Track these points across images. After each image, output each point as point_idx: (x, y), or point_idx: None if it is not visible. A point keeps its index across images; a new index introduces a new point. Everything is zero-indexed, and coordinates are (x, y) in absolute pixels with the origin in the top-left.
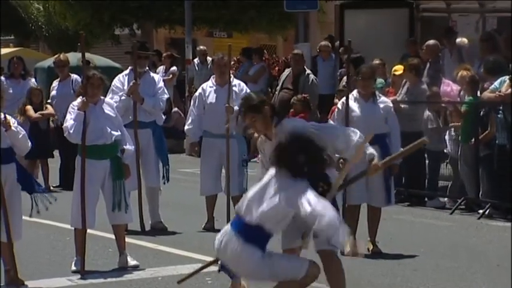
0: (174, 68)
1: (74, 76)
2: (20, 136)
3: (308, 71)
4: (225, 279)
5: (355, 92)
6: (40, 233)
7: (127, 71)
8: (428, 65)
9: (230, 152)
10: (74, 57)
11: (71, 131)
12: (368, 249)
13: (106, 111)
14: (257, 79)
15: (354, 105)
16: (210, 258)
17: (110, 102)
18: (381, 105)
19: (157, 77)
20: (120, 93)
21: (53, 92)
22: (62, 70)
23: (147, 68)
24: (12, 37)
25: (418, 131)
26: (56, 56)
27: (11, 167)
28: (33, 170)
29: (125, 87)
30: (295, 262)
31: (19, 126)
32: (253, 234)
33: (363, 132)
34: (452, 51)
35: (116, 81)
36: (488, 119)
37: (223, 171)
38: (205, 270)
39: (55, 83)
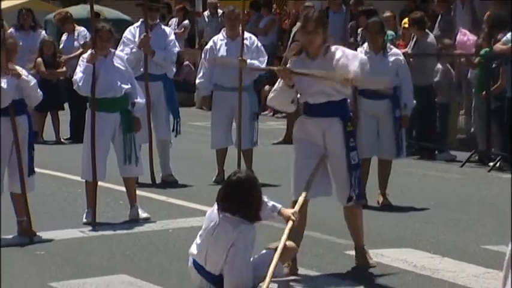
0: (186, 21)
1: (80, 29)
2: (32, 84)
3: None
4: None
5: (365, 45)
6: (52, 185)
7: (138, 23)
8: (439, 17)
9: (242, 105)
10: (83, 10)
11: (80, 84)
12: (378, 202)
13: (116, 64)
14: (267, 32)
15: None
16: None
17: (120, 55)
18: (392, 58)
19: (169, 29)
20: (131, 46)
21: (61, 46)
22: (64, 26)
23: (158, 20)
24: None
25: (428, 85)
26: (55, 13)
27: (23, 118)
28: (43, 123)
29: (136, 40)
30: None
31: (30, 76)
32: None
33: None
34: (464, 3)
35: (127, 33)
36: (499, 71)
37: (234, 124)
38: None
39: (64, 36)
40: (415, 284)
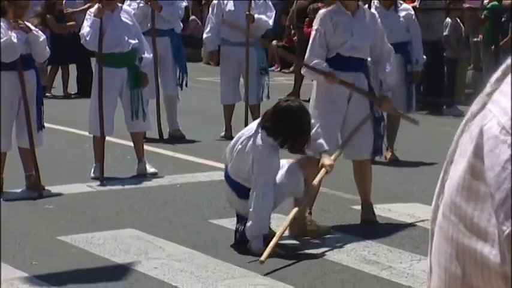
0: None
1: None
2: (41, 40)
3: None
4: None
5: (376, 1)
6: (60, 140)
7: None
8: None
9: (249, 61)
10: None
11: (88, 38)
12: (386, 157)
13: (123, 18)
14: None
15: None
16: None
17: (128, 10)
18: (403, 13)
19: None
20: (138, 1)
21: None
22: None
23: None
24: None
25: (437, 39)
26: None
27: (31, 73)
28: (54, 76)
29: None
30: (290, 176)
31: (39, 31)
32: (242, 187)
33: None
34: None
35: None
36: (509, 25)
37: (242, 80)
38: (222, 177)
39: None
40: (421, 238)
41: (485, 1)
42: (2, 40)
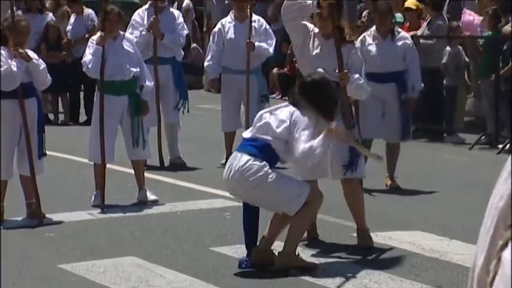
0: (186, 1)
1: (88, 11)
2: (41, 68)
3: None
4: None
5: (373, 29)
6: (61, 167)
7: (146, 6)
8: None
9: (249, 88)
10: None
11: (89, 66)
12: (386, 184)
13: (125, 46)
14: (277, 17)
15: (371, 43)
16: (228, 194)
17: (130, 38)
18: (400, 43)
19: (177, 12)
20: (141, 29)
21: (68, 27)
22: (72, 7)
23: (166, 2)
24: None
25: (437, 67)
26: None
27: (32, 101)
28: (57, 105)
29: (145, 22)
30: (298, 182)
31: (40, 59)
32: (260, 150)
33: (379, 69)
34: None
35: (136, 16)
36: (510, 53)
37: (243, 107)
38: (223, 205)
39: (72, 18)
40: (423, 266)
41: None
42: (2, 69)
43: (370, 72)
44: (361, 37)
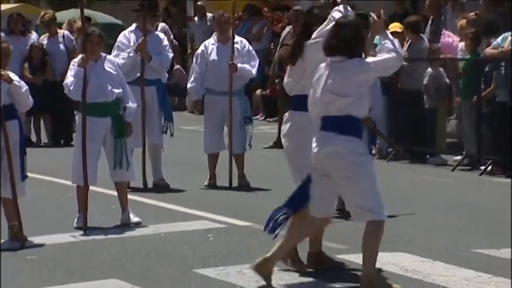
0: (162, 24)
1: (64, 32)
2: (23, 91)
3: None
4: (226, 237)
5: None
6: (43, 189)
7: (132, 28)
8: (430, 21)
9: (233, 110)
10: (74, 14)
11: (71, 88)
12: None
13: (107, 68)
14: (260, 37)
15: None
16: (212, 215)
17: (112, 60)
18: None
19: (162, 35)
20: (128, 50)
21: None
22: (49, 29)
23: (154, 26)
24: None
25: (418, 89)
26: (42, 14)
27: (14, 123)
28: (39, 126)
29: (131, 44)
30: None
31: (22, 81)
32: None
33: None
34: (454, 7)
35: (122, 38)
36: (491, 75)
37: (226, 128)
38: (207, 226)
39: (44, 39)
40: None
41: (460, 53)
42: None
43: None
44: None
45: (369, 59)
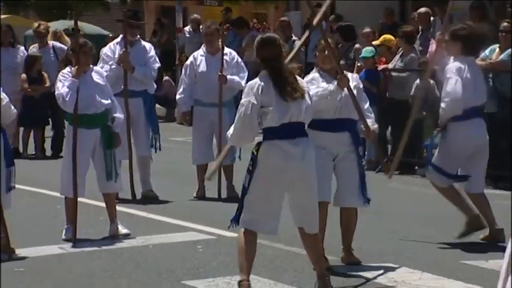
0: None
1: (54, 43)
2: (3, 103)
3: (295, 38)
4: (215, 248)
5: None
6: (31, 201)
7: (118, 39)
8: (420, 33)
9: (222, 121)
10: (62, 25)
11: (67, 99)
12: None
13: (96, 79)
14: (251, 49)
15: (320, 83)
16: (201, 227)
17: (99, 71)
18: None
19: (149, 45)
20: (111, 62)
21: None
22: (41, 40)
23: (138, 36)
24: (1, 4)
25: (406, 99)
26: (36, 25)
27: None
28: (28, 138)
29: (116, 56)
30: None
31: (3, 94)
32: None
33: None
34: (443, 19)
35: (107, 50)
36: None
37: (215, 140)
38: (196, 238)
39: (33, 49)
40: None
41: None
42: None
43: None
44: (310, 76)
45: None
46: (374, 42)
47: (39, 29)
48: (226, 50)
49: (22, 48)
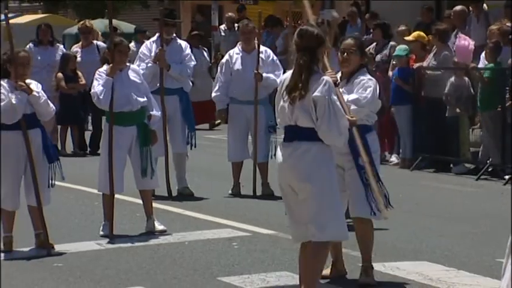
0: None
1: (98, 42)
2: (41, 101)
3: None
4: (250, 245)
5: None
6: (69, 197)
7: (154, 38)
8: (455, 31)
9: (257, 119)
10: (101, 24)
11: (101, 97)
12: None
13: (132, 77)
14: (286, 49)
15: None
16: (236, 223)
17: (136, 69)
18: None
19: (185, 44)
20: (147, 60)
21: (78, 59)
22: (87, 37)
23: (174, 34)
24: (40, 3)
25: (441, 97)
26: (82, 22)
27: (36, 132)
28: (65, 136)
29: (152, 54)
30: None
31: (41, 91)
32: None
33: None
34: (479, 16)
35: (143, 49)
36: None
37: (250, 137)
38: (231, 235)
39: (76, 49)
40: None
41: (482, 61)
42: (2, 103)
43: None
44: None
45: None
46: (406, 38)
47: (84, 25)
48: (262, 48)
49: (61, 46)
